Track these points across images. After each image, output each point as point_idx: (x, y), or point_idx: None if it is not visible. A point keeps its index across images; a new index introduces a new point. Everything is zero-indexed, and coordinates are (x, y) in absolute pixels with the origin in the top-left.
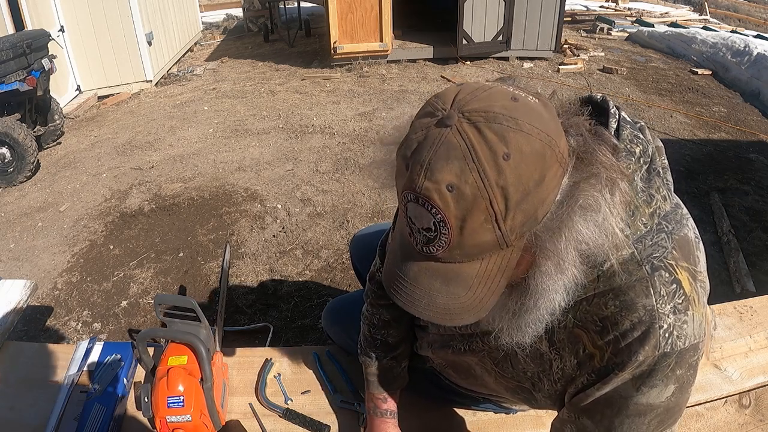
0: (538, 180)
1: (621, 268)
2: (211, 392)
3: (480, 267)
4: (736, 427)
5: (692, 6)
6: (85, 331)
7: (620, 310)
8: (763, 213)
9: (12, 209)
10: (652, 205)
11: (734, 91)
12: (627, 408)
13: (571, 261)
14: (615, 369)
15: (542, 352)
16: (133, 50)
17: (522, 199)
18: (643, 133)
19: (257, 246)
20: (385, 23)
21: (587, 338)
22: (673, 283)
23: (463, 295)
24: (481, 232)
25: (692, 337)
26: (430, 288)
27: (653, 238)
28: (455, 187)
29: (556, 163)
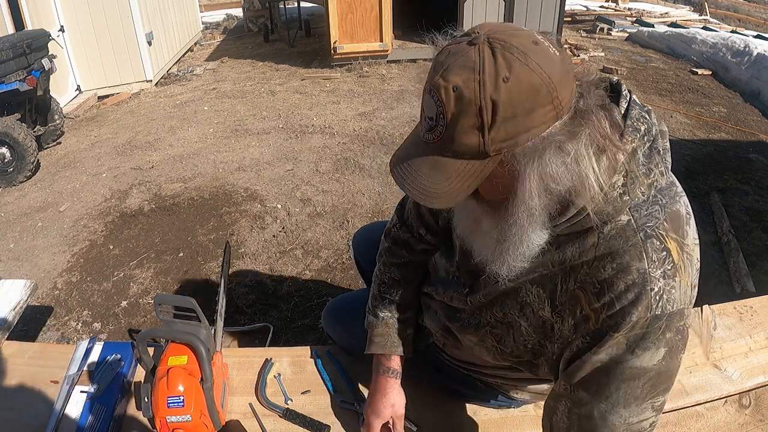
0: (527, 109)
1: (618, 232)
2: (211, 392)
3: (460, 166)
4: (736, 427)
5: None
6: (85, 331)
7: (616, 272)
8: (763, 213)
9: (12, 209)
10: (650, 177)
11: (734, 91)
12: (622, 373)
13: (537, 190)
14: (610, 330)
15: (545, 319)
16: (133, 50)
17: (508, 118)
18: (650, 116)
19: (257, 246)
20: (385, 23)
21: (585, 300)
22: (663, 250)
23: (441, 183)
24: (468, 133)
25: (679, 302)
26: (419, 170)
27: (648, 209)
28: (459, 89)
29: (550, 104)
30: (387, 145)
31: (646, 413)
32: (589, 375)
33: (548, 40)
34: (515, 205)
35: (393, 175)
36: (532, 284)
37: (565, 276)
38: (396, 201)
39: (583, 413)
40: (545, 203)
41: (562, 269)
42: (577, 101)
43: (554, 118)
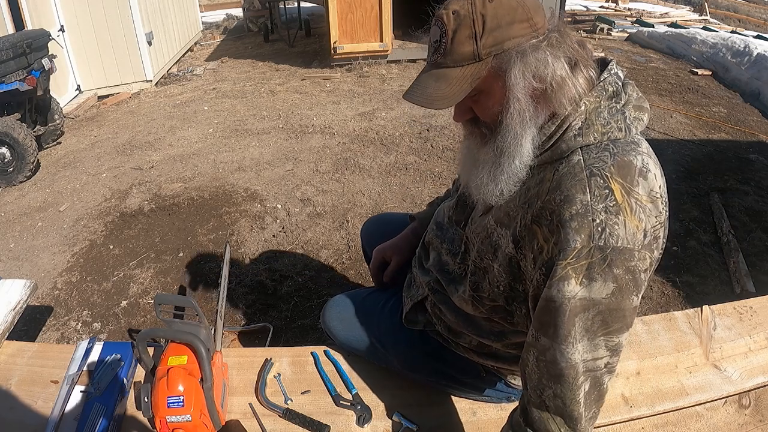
0: (508, 22)
1: (569, 170)
2: (211, 392)
3: (459, 71)
4: (735, 427)
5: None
6: (85, 331)
7: (563, 203)
8: (763, 213)
9: (12, 209)
10: (605, 128)
11: (734, 91)
12: (574, 307)
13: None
14: (557, 258)
15: (510, 256)
16: (133, 50)
17: (494, 28)
18: (626, 89)
19: (257, 246)
20: (385, 23)
21: (540, 233)
22: (605, 188)
23: (444, 88)
24: (465, 43)
25: (625, 241)
26: (426, 84)
27: (598, 153)
28: (456, 11)
29: (526, 22)
30: (387, 145)
31: (600, 350)
32: (546, 315)
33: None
34: (508, 115)
35: (405, 96)
36: (500, 226)
37: (524, 213)
38: (395, 201)
39: (548, 359)
40: (532, 110)
41: (522, 206)
42: (550, 29)
43: (531, 35)
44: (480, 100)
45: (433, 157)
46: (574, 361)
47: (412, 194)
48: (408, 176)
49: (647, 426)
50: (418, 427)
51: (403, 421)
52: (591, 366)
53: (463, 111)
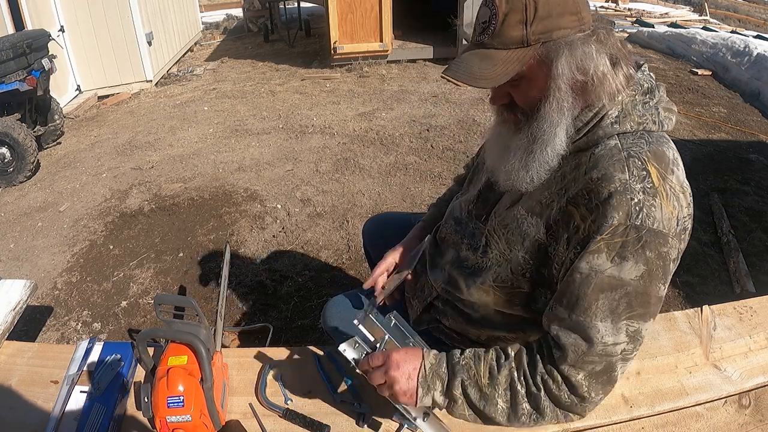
0: (559, 12)
1: (606, 152)
2: (211, 392)
3: (506, 54)
4: (735, 427)
5: (692, 6)
6: (85, 331)
7: (601, 181)
8: (763, 213)
9: (12, 209)
10: (641, 118)
11: (734, 91)
12: (601, 282)
13: (567, 75)
14: (594, 234)
15: (540, 242)
16: (133, 50)
17: (545, 17)
18: (659, 89)
19: (257, 246)
20: (385, 23)
21: (577, 213)
22: (643, 170)
23: (489, 69)
24: (514, 27)
25: (661, 224)
26: (470, 63)
27: (634, 140)
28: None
29: (575, 15)
30: (387, 145)
31: (621, 336)
32: (570, 286)
33: None
34: (547, 103)
35: (444, 73)
36: (531, 215)
37: (560, 197)
38: (395, 201)
39: (564, 326)
40: (571, 100)
41: (558, 192)
42: (595, 26)
43: (578, 29)
44: (520, 86)
45: (433, 157)
46: (592, 338)
47: (412, 194)
48: (408, 176)
49: (647, 426)
50: (418, 427)
51: (403, 421)
52: (608, 350)
53: (501, 95)
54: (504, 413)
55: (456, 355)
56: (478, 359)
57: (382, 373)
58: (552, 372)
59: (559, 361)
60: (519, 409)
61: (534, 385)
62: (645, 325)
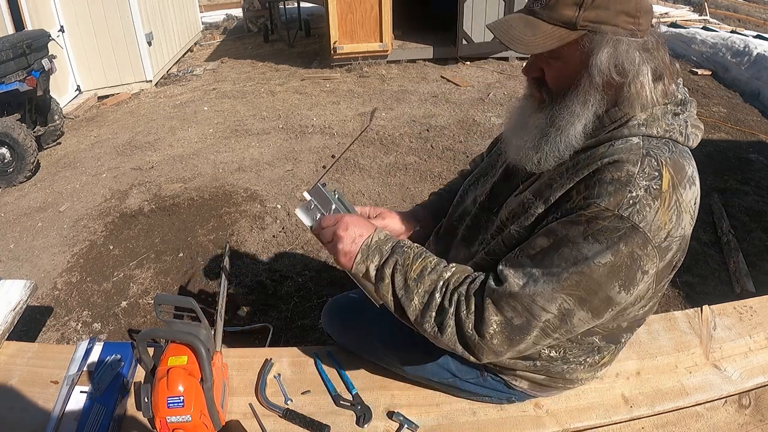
0: (618, 9)
1: (626, 147)
2: (211, 392)
3: (549, 28)
4: (736, 427)
5: (692, 6)
6: (85, 331)
7: (609, 165)
8: (763, 213)
9: (12, 209)
10: (669, 127)
11: (734, 91)
12: (568, 250)
13: (603, 71)
14: (579, 209)
15: (537, 216)
16: (133, 50)
17: (601, 6)
18: (691, 104)
19: (257, 246)
20: (385, 23)
21: (576, 188)
22: (656, 171)
23: (529, 35)
24: (568, 6)
25: (648, 227)
26: (514, 25)
27: (658, 144)
28: None
29: (633, 18)
30: (387, 145)
31: (552, 305)
32: (538, 240)
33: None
34: (575, 93)
35: (489, 26)
36: (537, 197)
37: (568, 178)
38: (395, 201)
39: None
40: (598, 98)
41: (569, 175)
42: (649, 38)
43: (631, 33)
44: (555, 66)
45: (433, 157)
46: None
47: (412, 194)
48: (408, 176)
49: (647, 426)
50: (418, 427)
51: (403, 421)
52: (533, 309)
53: (534, 68)
54: (414, 312)
55: (405, 242)
56: (419, 256)
57: (331, 232)
58: (470, 298)
59: (486, 292)
60: (427, 315)
61: (448, 301)
62: (579, 313)
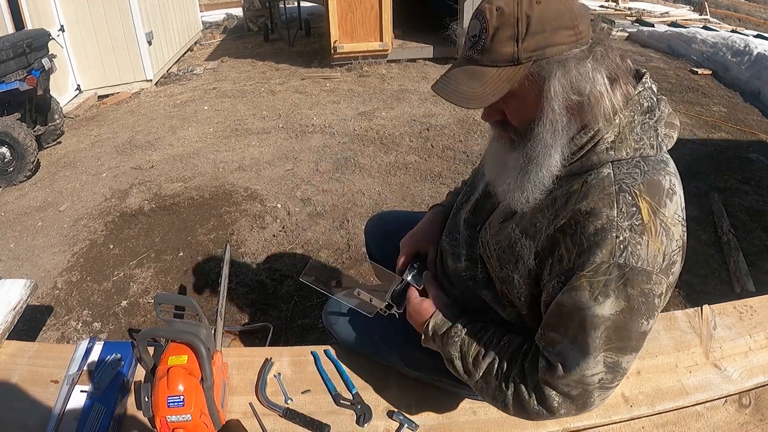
0: (553, 27)
1: (598, 182)
2: (211, 392)
3: (495, 72)
4: (736, 426)
5: (692, 6)
6: (85, 331)
7: (588, 216)
8: (763, 213)
9: (12, 209)
10: (639, 144)
11: (734, 90)
12: (583, 320)
13: (561, 96)
14: (577, 270)
15: (530, 268)
16: (133, 50)
17: (538, 32)
18: (660, 104)
19: (257, 246)
20: (385, 23)
21: (563, 242)
22: (633, 206)
23: (477, 88)
24: (505, 43)
25: (646, 262)
26: (459, 79)
27: (629, 169)
28: (501, 8)
29: (571, 29)
30: (387, 144)
31: (599, 367)
32: (555, 318)
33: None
34: (541, 124)
35: (434, 88)
36: (525, 237)
37: (549, 223)
38: (395, 201)
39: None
40: (565, 121)
41: (549, 216)
42: (594, 40)
43: (575, 43)
44: (512, 104)
45: (433, 157)
46: (570, 366)
47: (412, 194)
48: (408, 176)
49: (647, 425)
50: (418, 427)
51: (403, 420)
52: (585, 380)
53: (493, 112)
54: (481, 390)
55: (457, 329)
56: (472, 341)
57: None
58: (528, 379)
59: (540, 372)
60: (490, 393)
61: (505, 384)
62: (625, 358)
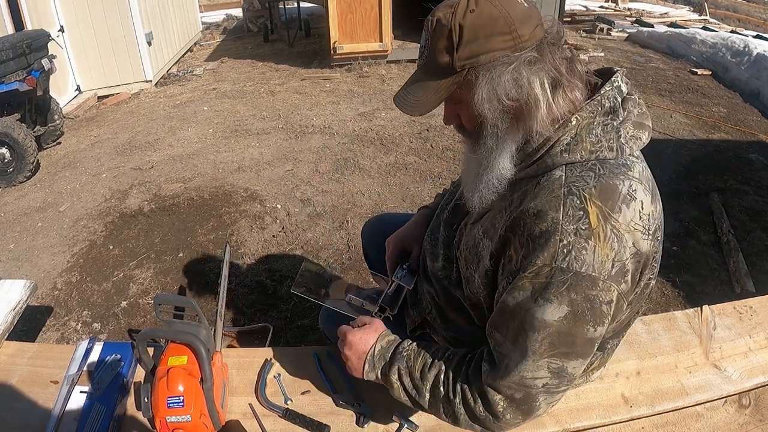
0: (487, 34)
1: (549, 184)
2: (211, 392)
3: (435, 83)
4: (736, 427)
5: (692, 6)
6: (84, 331)
7: (535, 218)
8: (762, 213)
9: (12, 209)
10: (595, 146)
11: (734, 91)
12: (523, 321)
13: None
14: (520, 271)
15: (486, 268)
16: (133, 50)
17: (471, 40)
18: (626, 104)
19: (257, 246)
20: (384, 23)
21: (512, 243)
22: (581, 210)
23: (420, 95)
24: (442, 53)
25: (591, 267)
26: (409, 89)
27: (581, 172)
28: (439, 20)
29: (508, 35)
30: (387, 145)
31: (541, 371)
32: (501, 316)
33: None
34: (484, 129)
35: (394, 101)
36: (486, 238)
37: (503, 224)
38: (395, 201)
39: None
40: (506, 126)
41: (504, 218)
42: (540, 44)
43: (512, 48)
44: (461, 110)
45: (433, 157)
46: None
47: (412, 194)
48: (408, 176)
49: (647, 426)
50: (418, 427)
51: (403, 421)
52: (526, 383)
53: (449, 116)
54: (429, 406)
55: (404, 345)
56: (418, 354)
57: (341, 347)
58: (472, 384)
59: (483, 376)
60: (440, 408)
61: (452, 392)
62: (571, 364)
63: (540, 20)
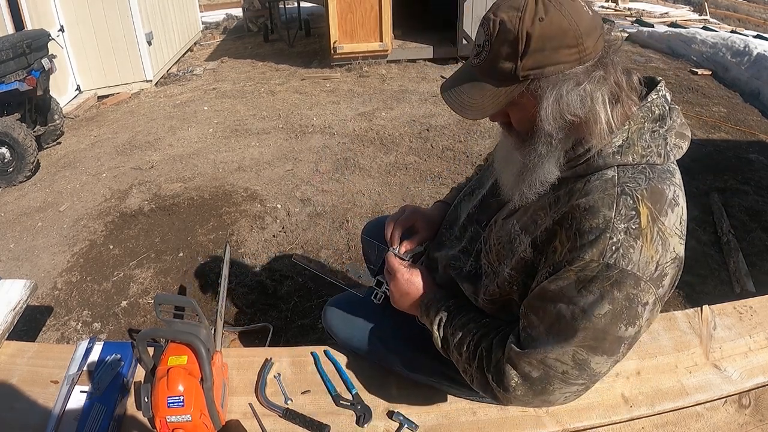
0: (555, 46)
1: (601, 183)
2: (211, 392)
3: (494, 87)
4: (736, 427)
5: (692, 6)
6: (85, 331)
7: (586, 213)
8: (762, 213)
9: (12, 209)
10: (646, 150)
11: (734, 91)
12: (564, 308)
13: (553, 115)
14: (566, 264)
15: (526, 259)
16: (133, 50)
17: (538, 50)
18: (672, 113)
19: (257, 246)
20: (385, 23)
21: (559, 236)
22: (633, 210)
23: (477, 98)
24: (505, 60)
25: (637, 267)
26: (461, 88)
27: (633, 174)
28: (503, 23)
29: (575, 48)
30: (387, 145)
31: (565, 357)
32: (539, 302)
33: (585, 1)
34: (537, 135)
35: (442, 92)
36: (524, 233)
37: (549, 218)
38: (395, 201)
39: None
40: (561, 136)
41: (551, 214)
42: (601, 56)
43: (577, 61)
44: (515, 112)
45: (433, 157)
46: (535, 349)
47: (412, 194)
48: (408, 176)
49: (647, 426)
50: (418, 427)
51: (403, 421)
52: (548, 362)
53: (499, 115)
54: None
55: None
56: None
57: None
58: (491, 353)
59: (507, 348)
60: (462, 367)
61: (473, 356)
62: (595, 359)
63: (602, 29)
